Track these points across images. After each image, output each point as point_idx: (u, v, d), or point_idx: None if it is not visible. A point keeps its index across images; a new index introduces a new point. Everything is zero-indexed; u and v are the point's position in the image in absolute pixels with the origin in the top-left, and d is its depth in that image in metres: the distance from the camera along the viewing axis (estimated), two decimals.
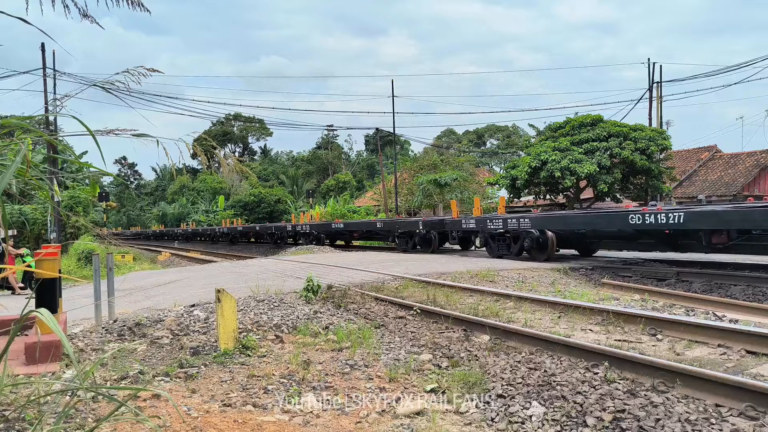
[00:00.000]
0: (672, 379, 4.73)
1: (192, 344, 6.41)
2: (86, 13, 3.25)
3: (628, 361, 5.18)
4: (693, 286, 10.94)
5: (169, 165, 3.84)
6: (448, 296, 9.48)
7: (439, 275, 12.02)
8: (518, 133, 78.03)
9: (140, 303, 9.97)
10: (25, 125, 3.49)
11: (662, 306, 9.09)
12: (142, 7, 3.39)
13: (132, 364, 5.62)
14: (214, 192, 69.97)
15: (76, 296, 11.64)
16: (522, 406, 4.42)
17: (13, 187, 3.19)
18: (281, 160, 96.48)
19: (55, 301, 5.99)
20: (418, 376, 5.34)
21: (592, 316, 7.68)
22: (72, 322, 7.78)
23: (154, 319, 7.64)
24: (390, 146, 60.18)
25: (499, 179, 30.93)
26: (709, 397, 4.44)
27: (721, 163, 37.71)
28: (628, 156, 25.50)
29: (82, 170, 22.21)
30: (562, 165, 25.42)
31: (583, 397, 4.47)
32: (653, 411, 4.16)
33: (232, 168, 4.19)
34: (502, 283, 11.49)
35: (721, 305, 8.73)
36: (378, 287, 10.54)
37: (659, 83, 33.27)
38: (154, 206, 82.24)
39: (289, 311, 8.22)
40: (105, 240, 24.78)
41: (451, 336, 6.92)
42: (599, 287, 11.47)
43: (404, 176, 43.84)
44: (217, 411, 4.33)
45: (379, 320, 7.89)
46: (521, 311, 8.34)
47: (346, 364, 5.64)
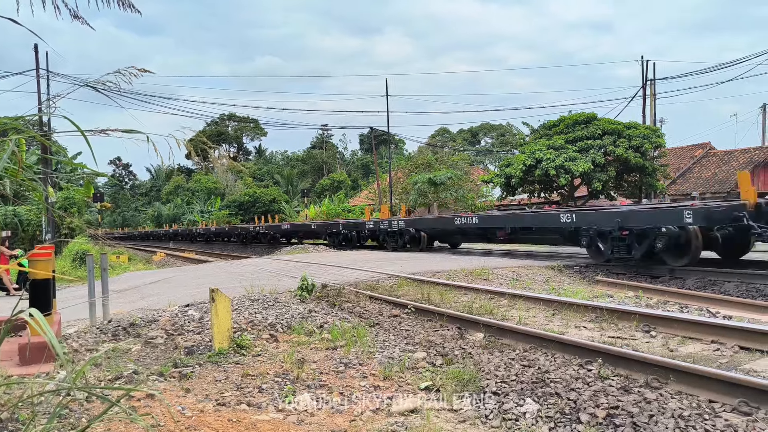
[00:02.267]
0: (665, 376, 4.74)
1: (186, 344, 6.40)
2: (77, 14, 3.25)
3: (622, 357, 5.20)
4: (687, 283, 10.97)
5: (159, 162, 3.84)
6: (443, 294, 9.49)
7: (434, 274, 12.03)
8: (512, 131, 78.13)
9: (135, 303, 9.96)
10: (17, 125, 3.48)
11: (656, 303, 9.12)
12: (132, 8, 3.38)
13: (126, 363, 5.61)
14: (209, 192, 69.88)
15: (70, 297, 11.62)
16: (516, 403, 4.43)
17: (7, 188, 3.18)
18: (276, 159, 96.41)
19: (49, 302, 5.97)
20: (413, 374, 5.34)
21: (586, 314, 7.70)
22: (66, 322, 7.77)
23: (149, 319, 7.63)
24: (384, 145, 60.21)
25: (493, 177, 31.00)
26: (703, 393, 4.46)
27: (714, 160, 37.84)
28: (622, 154, 25.59)
29: (76, 171, 22.16)
30: (557, 163, 25.49)
31: (577, 394, 4.48)
32: (647, 407, 4.17)
33: (226, 167, 4.19)
34: (496, 281, 11.51)
35: (715, 302, 8.76)
36: (372, 286, 10.54)
37: (653, 81, 33.41)
38: (149, 207, 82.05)
39: (283, 310, 8.21)
40: (99, 241, 24.70)
41: (446, 334, 6.93)
42: (593, 285, 11.50)
43: (399, 175, 43.83)
44: (211, 410, 4.33)
45: (374, 319, 7.90)
46: (515, 309, 8.35)
47: (340, 363, 5.64)
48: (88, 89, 3.79)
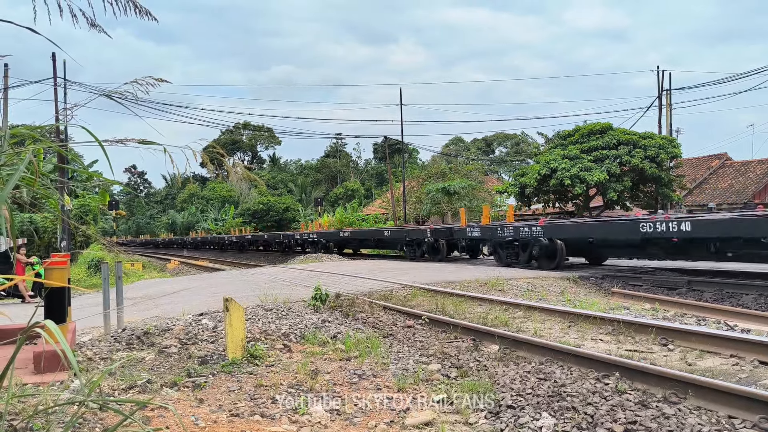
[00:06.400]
0: (684, 390, 4.67)
1: (200, 353, 6.39)
2: (94, 22, 3.26)
3: (640, 371, 5.13)
4: (704, 295, 10.84)
5: (175, 173, 3.85)
6: (457, 305, 9.44)
7: (448, 284, 11.98)
8: (527, 140, 77.92)
9: (149, 311, 9.98)
10: (35, 135, 3.50)
11: (673, 315, 9.01)
12: (150, 16, 3.40)
13: (140, 373, 5.61)
14: (223, 200, 70.19)
15: (85, 305, 11.68)
16: (532, 417, 4.37)
17: (24, 195, 3.19)
18: (290, 168, 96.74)
19: (64, 310, 5.99)
20: (427, 386, 5.30)
21: (602, 326, 7.61)
22: (81, 330, 7.79)
23: (163, 328, 7.63)
24: (398, 154, 60.24)
25: (507, 187, 30.88)
26: (722, 409, 4.38)
27: (731, 170, 37.50)
28: (637, 164, 25.40)
29: (91, 179, 22.33)
30: (572, 173, 25.34)
31: (594, 408, 4.42)
32: (665, 423, 4.11)
33: (240, 175, 4.21)
34: (511, 292, 11.43)
35: (733, 314, 8.64)
36: (386, 296, 10.50)
37: (669, 91, 33.16)
38: (163, 214, 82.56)
39: (297, 320, 8.20)
40: (114, 249, 24.88)
41: (460, 346, 6.88)
42: (609, 296, 11.39)
43: (412, 184, 43.86)
44: (224, 421, 4.31)
45: (388, 329, 7.86)
46: (531, 321, 8.29)
47: (354, 374, 5.61)
48: (105, 97, 3.82)
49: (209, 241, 49.07)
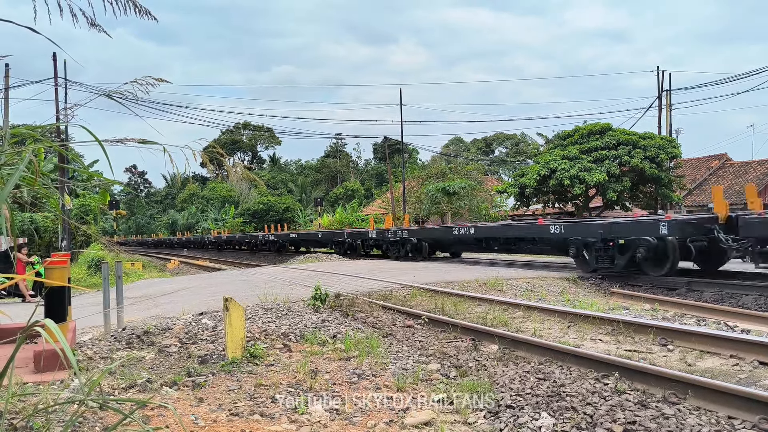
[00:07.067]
0: (683, 391, 4.67)
1: (200, 353, 6.40)
2: (94, 22, 3.26)
3: (639, 371, 5.13)
4: (704, 296, 10.84)
5: (175, 172, 3.87)
6: (457, 305, 9.44)
7: (447, 284, 11.99)
8: (527, 141, 77.92)
9: (149, 311, 9.99)
10: (35, 135, 3.51)
11: (673, 316, 9.01)
12: (149, 15, 3.40)
13: (140, 372, 5.61)
14: (223, 200, 70.16)
15: (85, 304, 11.69)
16: (531, 416, 4.37)
17: (24, 195, 3.20)
18: (290, 168, 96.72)
19: (64, 310, 6.00)
20: (426, 385, 5.31)
21: (601, 326, 7.62)
22: (81, 329, 7.80)
23: (163, 328, 7.64)
24: (398, 154, 60.25)
25: (507, 187, 30.90)
26: (722, 409, 4.38)
27: (731, 171, 37.53)
28: (637, 164, 25.42)
29: (92, 179, 22.36)
30: (572, 173, 25.35)
31: (594, 408, 4.42)
32: (665, 423, 4.11)
33: (240, 175, 4.21)
34: (510, 292, 11.44)
35: (733, 315, 8.64)
36: (386, 296, 10.51)
37: (668, 91, 33.17)
38: (163, 214, 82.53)
39: (296, 320, 8.20)
40: (114, 249, 24.87)
41: (460, 345, 6.88)
42: (609, 296, 11.40)
43: (412, 184, 43.86)
44: (224, 420, 4.31)
45: (387, 329, 7.87)
46: (530, 321, 8.29)
47: (353, 374, 5.61)
48: (105, 97, 3.82)
49: (193, 242, 51.41)
